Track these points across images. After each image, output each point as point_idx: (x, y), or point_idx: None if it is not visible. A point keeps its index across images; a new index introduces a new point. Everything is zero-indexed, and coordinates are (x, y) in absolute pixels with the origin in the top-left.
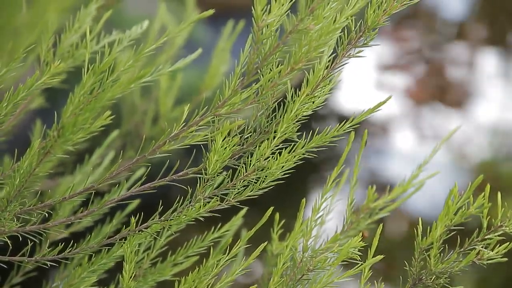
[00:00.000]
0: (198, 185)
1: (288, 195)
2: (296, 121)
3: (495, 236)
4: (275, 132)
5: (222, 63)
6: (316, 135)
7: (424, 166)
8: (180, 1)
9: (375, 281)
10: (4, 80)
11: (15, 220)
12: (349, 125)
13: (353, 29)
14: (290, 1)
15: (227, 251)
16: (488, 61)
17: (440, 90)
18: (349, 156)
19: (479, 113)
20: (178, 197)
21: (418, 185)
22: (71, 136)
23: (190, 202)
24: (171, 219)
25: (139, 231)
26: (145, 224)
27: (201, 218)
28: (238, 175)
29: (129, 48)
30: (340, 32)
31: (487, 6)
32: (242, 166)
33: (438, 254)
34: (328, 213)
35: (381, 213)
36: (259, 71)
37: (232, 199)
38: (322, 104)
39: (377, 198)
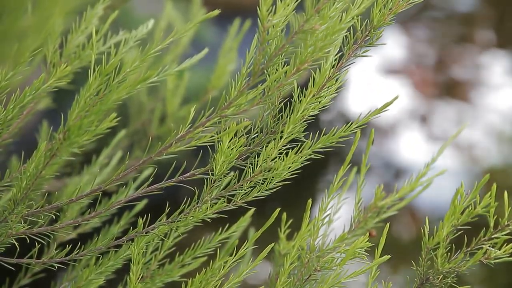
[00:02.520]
0: (205, 186)
1: (296, 194)
2: (303, 121)
3: (502, 235)
4: (281, 132)
5: (229, 63)
6: (323, 136)
7: (432, 164)
8: (187, 0)
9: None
10: (11, 83)
11: (23, 222)
12: (356, 126)
13: (359, 28)
14: (296, 1)
15: (234, 252)
16: (498, 60)
17: (448, 88)
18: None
19: (488, 113)
20: (185, 198)
21: (426, 183)
22: (77, 139)
23: (197, 203)
24: (178, 221)
25: (146, 233)
26: (152, 225)
27: (208, 219)
28: (245, 176)
29: (136, 48)
30: (346, 32)
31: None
32: (249, 167)
33: (445, 254)
34: (335, 212)
35: (389, 211)
36: (265, 71)
37: (239, 200)
38: (329, 103)
39: (385, 197)
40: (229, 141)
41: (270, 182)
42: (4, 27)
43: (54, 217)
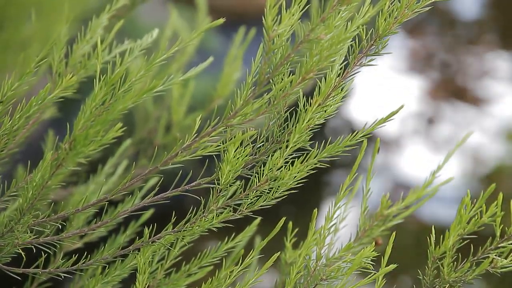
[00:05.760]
0: (211, 195)
1: (303, 203)
2: (309, 130)
3: (509, 244)
4: (287, 141)
5: (235, 71)
6: (328, 145)
7: (438, 172)
8: (192, 9)
9: None
10: (17, 93)
11: (29, 232)
12: (362, 135)
13: (364, 37)
14: (301, 11)
15: (240, 262)
16: (503, 63)
17: (456, 93)
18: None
19: (495, 117)
20: (192, 208)
21: (432, 191)
22: (83, 149)
23: (203, 213)
24: (184, 230)
25: (152, 242)
26: (159, 235)
27: (214, 229)
28: (251, 185)
29: (141, 57)
30: (352, 41)
31: (500, 8)
32: (255, 176)
33: (452, 263)
34: (342, 221)
35: (395, 220)
36: (271, 80)
37: (245, 209)
38: (334, 112)
39: (391, 205)
40: (235, 150)
41: (276, 191)
42: (7, 35)
43: (60, 226)
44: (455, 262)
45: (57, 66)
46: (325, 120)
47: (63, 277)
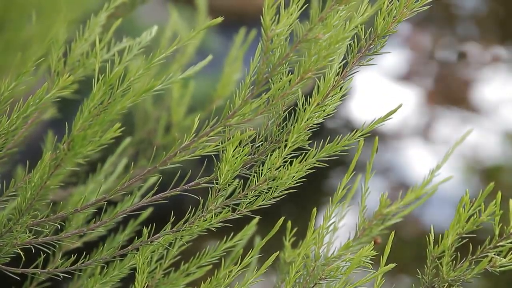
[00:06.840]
0: (210, 195)
1: (303, 202)
2: (307, 130)
3: (507, 243)
4: (286, 141)
5: (235, 72)
6: (327, 144)
7: (437, 171)
8: (192, 9)
9: None
10: (14, 93)
11: (28, 232)
12: (360, 134)
13: (363, 37)
14: (299, 10)
15: (239, 261)
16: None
17: (453, 94)
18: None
19: (492, 117)
20: (190, 207)
21: (431, 190)
22: (81, 150)
23: (202, 212)
24: (183, 230)
25: (151, 242)
26: (157, 235)
27: (213, 229)
28: (249, 185)
29: (140, 56)
30: (350, 40)
31: (499, 6)
32: (254, 176)
33: (450, 262)
34: (340, 220)
35: (394, 219)
36: (269, 80)
37: (244, 209)
38: (333, 112)
39: (390, 204)
40: (234, 150)
41: (275, 191)
42: (7, 36)
43: (59, 226)
44: (454, 261)
45: (55, 66)
46: (324, 119)
47: (62, 277)
